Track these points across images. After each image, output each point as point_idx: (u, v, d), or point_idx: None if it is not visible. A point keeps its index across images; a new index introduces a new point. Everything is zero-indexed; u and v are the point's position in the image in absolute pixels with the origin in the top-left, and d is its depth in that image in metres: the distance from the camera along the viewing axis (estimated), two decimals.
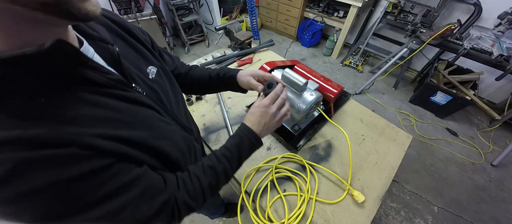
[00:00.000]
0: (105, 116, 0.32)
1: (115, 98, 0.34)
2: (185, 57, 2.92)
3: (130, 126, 0.35)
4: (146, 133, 0.37)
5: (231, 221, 1.50)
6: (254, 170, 0.83)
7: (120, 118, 0.34)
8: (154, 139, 0.38)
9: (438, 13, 2.04)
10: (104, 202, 0.30)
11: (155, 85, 0.45)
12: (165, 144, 0.40)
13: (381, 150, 0.93)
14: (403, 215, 1.57)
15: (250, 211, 0.75)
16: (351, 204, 0.76)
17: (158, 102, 0.44)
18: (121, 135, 0.33)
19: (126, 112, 0.35)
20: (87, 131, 0.29)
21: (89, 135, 0.29)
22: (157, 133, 0.39)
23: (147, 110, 0.40)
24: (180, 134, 0.48)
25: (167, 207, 0.38)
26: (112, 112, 0.33)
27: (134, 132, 0.35)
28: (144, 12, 2.11)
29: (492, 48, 1.68)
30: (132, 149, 0.34)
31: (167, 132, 0.43)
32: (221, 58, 1.35)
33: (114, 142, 0.32)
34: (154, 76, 0.46)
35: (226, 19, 3.23)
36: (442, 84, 2.19)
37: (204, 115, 1.03)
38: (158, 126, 0.41)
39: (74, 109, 0.29)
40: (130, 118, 0.35)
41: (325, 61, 2.97)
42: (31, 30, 0.25)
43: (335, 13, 2.74)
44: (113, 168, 0.31)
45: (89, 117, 0.30)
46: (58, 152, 0.26)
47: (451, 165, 1.88)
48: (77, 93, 0.30)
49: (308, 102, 0.79)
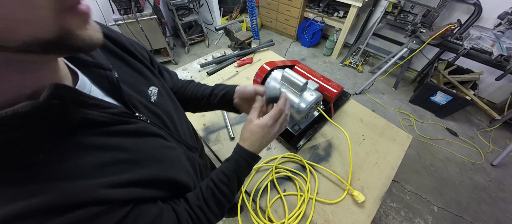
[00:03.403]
0: (112, 160, 0.28)
1: (119, 135, 0.31)
2: (185, 57, 2.92)
3: (140, 164, 0.32)
4: (156, 167, 0.34)
5: (231, 221, 1.50)
6: (254, 170, 0.83)
7: (128, 158, 0.30)
8: (165, 171, 0.36)
9: (438, 13, 2.03)
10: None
11: (158, 109, 0.41)
12: (175, 172, 0.38)
13: (381, 150, 0.93)
14: (403, 215, 1.57)
15: (250, 211, 0.75)
16: (351, 204, 0.76)
17: (163, 127, 0.41)
18: (132, 179, 0.29)
19: (133, 149, 0.32)
20: (98, 182, 0.26)
21: (102, 187, 0.26)
22: (166, 163, 0.37)
23: (153, 140, 0.37)
24: (185, 155, 0.45)
25: None
26: (118, 153, 0.30)
27: (145, 170, 0.32)
28: (144, 12, 2.11)
29: (492, 48, 1.68)
30: (145, 189, 0.31)
31: (175, 159, 0.40)
32: (221, 58, 1.35)
33: (128, 188, 0.29)
34: (156, 98, 0.42)
35: (226, 19, 3.23)
36: (442, 84, 2.19)
37: (204, 115, 1.03)
38: (166, 155, 0.38)
39: (78, 159, 0.25)
40: (138, 155, 0.32)
41: (325, 61, 2.97)
42: (18, 75, 0.20)
43: (335, 13, 2.74)
44: (130, 217, 0.28)
45: (97, 165, 0.27)
46: (74, 215, 0.23)
47: (451, 165, 1.88)
48: (77, 139, 0.26)
49: (308, 102, 0.79)
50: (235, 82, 1.20)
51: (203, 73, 1.29)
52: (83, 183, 0.24)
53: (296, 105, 0.81)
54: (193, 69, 1.32)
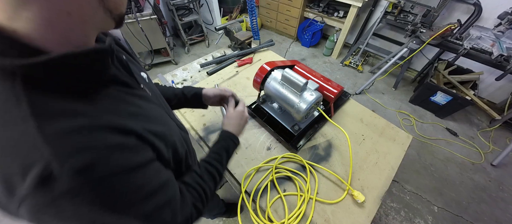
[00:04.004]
0: (136, 112, 0.34)
1: (136, 97, 0.37)
2: (185, 57, 2.92)
3: (154, 122, 0.37)
4: (164, 128, 0.39)
5: (231, 221, 1.50)
6: (254, 170, 0.83)
7: (146, 115, 0.36)
8: (170, 135, 0.40)
9: (438, 13, 2.03)
10: (154, 195, 0.32)
11: (150, 87, 0.48)
12: (175, 140, 0.43)
13: (381, 150, 0.93)
14: (403, 215, 1.57)
15: (250, 211, 0.75)
16: (351, 204, 0.76)
17: (157, 100, 0.47)
18: (153, 130, 0.34)
19: (147, 109, 0.37)
20: (134, 123, 0.31)
21: (138, 127, 0.31)
22: (171, 130, 0.42)
23: (158, 108, 0.43)
24: (181, 133, 0.51)
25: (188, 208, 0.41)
26: (139, 109, 0.35)
27: (159, 127, 0.37)
28: (144, 12, 2.10)
29: (492, 48, 1.68)
30: (161, 142, 0.36)
31: (174, 128, 0.45)
32: (221, 58, 1.35)
33: (152, 135, 0.33)
34: (146, 80, 0.49)
35: (226, 19, 3.23)
36: (442, 84, 2.19)
37: (204, 115, 1.03)
38: (168, 123, 0.43)
39: (118, 104, 0.32)
40: (151, 114, 0.38)
41: (325, 61, 2.97)
42: (89, 32, 0.28)
43: (335, 13, 2.74)
44: (155, 165, 0.34)
45: (128, 112, 0.32)
46: (126, 140, 0.29)
47: (451, 165, 1.87)
48: (111, 91, 0.32)
49: (308, 102, 0.80)
50: (235, 82, 1.21)
51: (203, 73, 1.29)
52: (127, 121, 0.30)
53: (296, 105, 0.81)
54: (193, 69, 1.32)
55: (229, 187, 1.65)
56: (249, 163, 0.86)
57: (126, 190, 0.28)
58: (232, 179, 0.84)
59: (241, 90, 1.16)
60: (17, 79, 0.23)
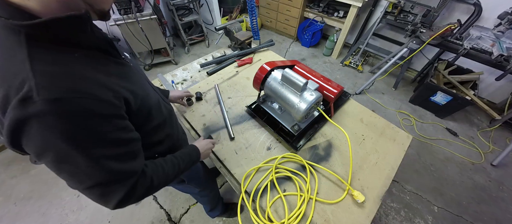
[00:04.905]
0: (114, 72, 0.44)
1: (118, 64, 0.47)
2: (185, 57, 2.92)
3: (133, 83, 0.47)
4: (142, 91, 0.50)
5: (231, 221, 1.50)
6: (254, 170, 0.83)
7: (126, 77, 0.46)
8: (148, 98, 0.52)
9: (438, 13, 2.03)
10: (109, 145, 0.40)
11: (133, 62, 0.58)
12: (150, 101, 0.53)
13: (381, 150, 0.93)
14: (403, 215, 1.57)
15: (250, 211, 0.75)
16: (351, 204, 0.76)
17: (139, 71, 0.58)
18: (130, 88, 0.45)
19: (128, 74, 0.48)
20: (108, 79, 0.40)
21: (111, 82, 0.41)
22: (146, 92, 0.52)
23: (136, 75, 0.52)
24: (160, 100, 0.62)
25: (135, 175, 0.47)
26: (122, 70, 0.46)
27: (137, 87, 0.48)
28: (144, 12, 2.11)
29: (492, 48, 1.68)
30: (136, 100, 0.46)
31: (151, 93, 0.56)
32: (221, 58, 1.35)
33: (128, 91, 0.43)
34: (129, 58, 0.58)
35: (226, 19, 3.23)
36: (442, 84, 2.19)
37: (204, 115, 1.03)
38: (147, 89, 0.54)
39: (95, 62, 0.41)
40: (132, 78, 0.48)
41: (325, 61, 2.97)
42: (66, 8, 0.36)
43: (335, 13, 2.74)
44: (122, 122, 0.42)
45: (106, 71, 0.42)
46: (96, 90, 0.37)
47: (451, 165, 1.87)
48: (94, 53, 0.42)
49: (308, 102, 0.80)
50: (235, 82, 1.21)
51: (203, 73, 1.29)
52: (102, 77, 0.40)
53: (296, 105, 0.81)
54: (193, 69, 1.32)
55: (229, 187, 1.65)
56: (249, 163, 0.86)
57: (83, 131, 0.36)
58: (232, 179, 0.84)
59: (241, 90, 1.16)
60: (22, 34, 0.33)
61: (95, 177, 0.39)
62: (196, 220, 1.50)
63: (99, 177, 0.40)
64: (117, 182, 0.42)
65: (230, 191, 1.62)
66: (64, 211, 1.51)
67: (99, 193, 0.41)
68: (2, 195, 1.57)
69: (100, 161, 0.39)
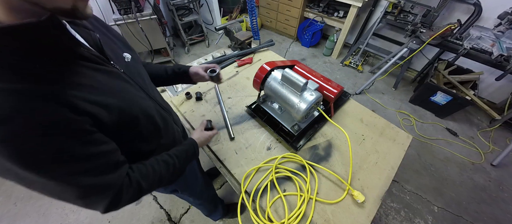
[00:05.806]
0: (89, 84, 0.39)
1: (97, 71, 0.42)
2: (185, 57, 2.92)
3: (107, 95, 0.42)
4: (122, 101, 0.44)
5: (231, 221, 1.50)
6: (254, 170, 0.83)
7: (99, 88, 0.41)
8: (129, 108, 0.46)
9: (438, 13, 2.03)
10: (75, 161, 0.36)
11: (131, 67, 0.55)
12: (137, 112, 0.48)
13: (381, 150, 0.93)
14: (403, 215, 1.57)
15: (250, 211, 0.75)
16: (351, 204, 0.76)
17: (134, 78, 0.53)
18: (99, 101, 0.39)
19: (104, 83, 0.43)
20: (76, 93, 0.36)
21: (77, 98, 0.36)
22: (133, 104, 0.48)
23: (124, 84, 0.48)
24: (156, 109, 0.58)
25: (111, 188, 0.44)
26: (94, 81, 0.40)
27: (111, 99, 0.42)
28: (144, 12, 2.11)
29: (492, 48, 1.68)
30: (108, 113, 0.41)
31: (142, 104, 0.51)
32: (221, 58, 1.35)
33: (93, 105, 0.38)
34: (129, 60, 0.55)
35: (226, 19, 3.23)
36: (442, 84, 2.19)
37: (204, 115, 1.03)
38: (133, 98, 0.49)
39: (69, 76, 0.37)
40: (107, 88, 0.43)
41: (325, 61, 2.97)
42: (31, 14, 0.31)
43: (335, 13, 2.74)
44: (93, 136, 0.38)
45: (73, 83, 0.37)
46: (53, 107, 0.33)
47: (451, 165, 1.87)
48: (70, 65, 0.37)
49: (308, 102, 0.80)
50: (235, 82, 1.21)
51: None
52: (65, 90, 0.35)
53: (296, 105, 0.81)
54: None
55: (229, 187, 1.65)
56: (249, 163, 0.86)
57: (34, 152, 0.32)
58: (232, 179, 0.84)
59: (241, 90, 1.16)
60: None
61: (67, 193, 0.37)
62: (196, 220, 1.50)
63: (72, 192, 0.37)
64: (96, 194, 0.40)
65: (230, 192, 1.62)
66: (64, 211, 1.52)
67: (82, 204, 0.40)
68: (2, 195, 1.57)
69: (65, 179, 0.36)
